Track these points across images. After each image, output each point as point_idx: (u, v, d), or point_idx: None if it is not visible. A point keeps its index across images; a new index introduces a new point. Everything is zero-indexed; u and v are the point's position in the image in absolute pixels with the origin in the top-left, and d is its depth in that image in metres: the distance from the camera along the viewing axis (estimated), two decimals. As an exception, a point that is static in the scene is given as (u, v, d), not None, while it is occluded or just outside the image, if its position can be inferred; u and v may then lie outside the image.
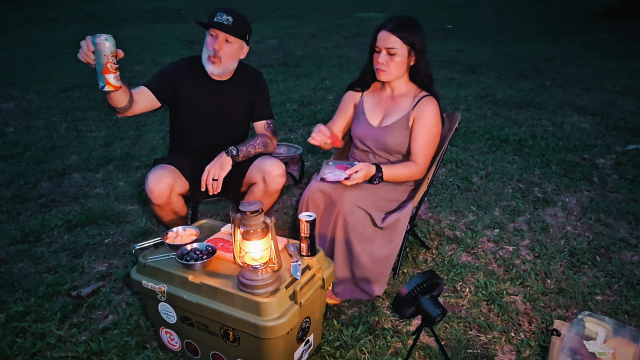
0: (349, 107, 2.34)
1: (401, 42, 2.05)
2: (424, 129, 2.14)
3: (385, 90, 2.25)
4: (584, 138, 3.95)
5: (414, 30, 2.09)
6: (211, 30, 2.15)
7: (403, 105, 2.19)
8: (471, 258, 2.49)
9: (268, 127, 2.36)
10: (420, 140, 2.14)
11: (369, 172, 2.00)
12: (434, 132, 2.17)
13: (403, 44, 2.06)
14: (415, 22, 2.13)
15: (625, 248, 2.51)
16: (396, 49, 2.06)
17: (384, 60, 2.09)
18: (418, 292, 1.53)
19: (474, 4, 13.20)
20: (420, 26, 2.13)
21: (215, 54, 2.15)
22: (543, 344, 1.91)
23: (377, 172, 2.03)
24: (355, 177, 1.96)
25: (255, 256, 1.56)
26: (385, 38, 2.07)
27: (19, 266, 2.47)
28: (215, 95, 2.28)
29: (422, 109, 2.14)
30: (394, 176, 2.11)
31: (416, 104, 2.16)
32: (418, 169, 2.15)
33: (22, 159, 3.83)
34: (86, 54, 1.71)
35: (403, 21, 2.09)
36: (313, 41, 8.93)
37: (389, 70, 2.11)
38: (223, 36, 2.14)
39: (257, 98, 2.36)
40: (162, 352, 1.89)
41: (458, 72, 6.32)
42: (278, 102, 5.12)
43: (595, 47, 7.57)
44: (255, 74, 2.39)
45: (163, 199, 2.10)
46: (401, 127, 2.16)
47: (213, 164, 2.14)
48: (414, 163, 2.15)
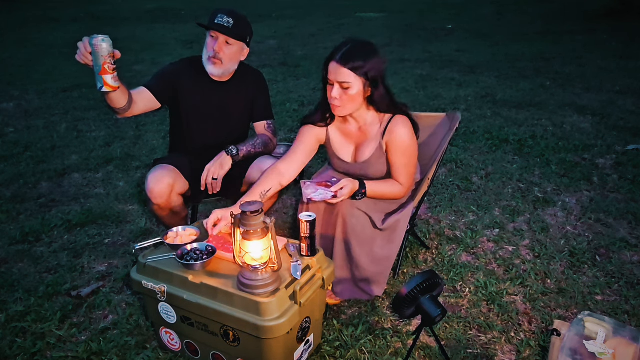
0: (311, 143, 2.13)
1: (354, 74, 1.87)
2: (399, 152, 2.03)
3: (350, 122, 2.09)
4: (584, 138, 3.95)
5: (367, 57, 1.88)
6: (211, 32, 2.15)
7: (372, 135, 2.05)
8: (471, 258, 2.49)
9: (268, 128, 2.37)
10: (398, 164, 2.05)
11: (353, 188, 1.94)
12: (409, 151, 2.04)
13: (356, 76, 1.87)
14: (367, 47, 1.93)
15: (625, 248, 2.51)
16: (349, 82, 1.88)
17: (338, 95, 1.91)
18: (418, 292, 1.53)
19: (474, 4, 13.20)
20: (374, 51, 1.93)
21: (215, 56, 2.15)
22: (543, 344, 1.91)
23: (361, 187, 1.98)
24: (341, 195, 1.89)
25: (255, 256, 1.56)
26: (335, 71, 1.89)
27: (19, 266, 2.47)
28: (215, 95, 2.28)
29: (393, 133, 2.00)
30: (378, 193, 2.04)
31: (385, 130, 2.02)
32: (401, 189, 2.09)
33: (22, 159, 3.83)
34: (84, 55, 1.71)
35: (353, 48, 1.89)
36: (313, 41, 8.93)
37: (343, 105, 1.94)
38: (223, 38, 2.14)
39: (257, 98, 2.36)
40: (162, 352, 1.89)
41: (458, 72, 6.32)
42: (278, 102, 5.13)
43: (595, 47, 7.57)
44: (255, 75, 2.39)
45: (163, 199, 2.10)
46: (378, 158, 2.06)
47: (213, 163, 2.14)
48: (397, 183, 2.08)
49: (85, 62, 1.73)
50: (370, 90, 1.94)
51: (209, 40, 2.17)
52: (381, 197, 2.08)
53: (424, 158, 2.39)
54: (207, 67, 2.20)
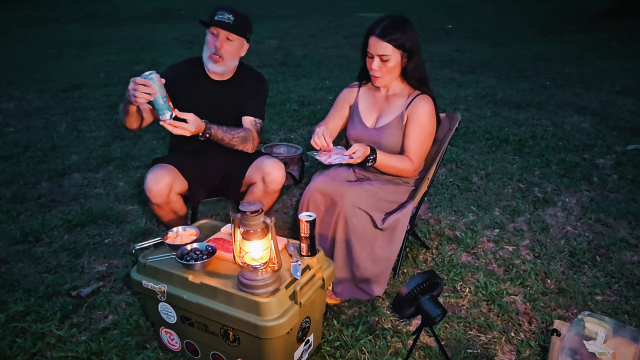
0: (344, 107, 2.32)
1: (392, 47, 2.02)
2: (417, 127, 2.12)
3: (380, 91, 2.24)
4: (584, 138, 3.95)
5: (403, 30, 2.04)
6: (212, 29, 2.15)
7: (397, 105, 2.18)
8: (471, 258, 2.49)
9: (255, 124, 2.31)
10: (413, 138, 2.13)
11: (365, 152, 2.00)
12: (427, 130, 2.15)
13: (394, 49, 2.03)
14: (403, 22, 2.07)
15: (625, 248, 2.51)
16: (388, 55, 2.03)
17: (378, 67, 2.07)
18: (418, 292, 1.53)
19: (474, 4, 13.20)
20: (410, 24, 2.09)
21: (216, 52, 2.15)
22: (543, 344, 1.91)
23: (371, 153, 2.03)
24: (356, 157, 1.96)
25: (255, 256, 1.56)
26: (375, 44, 2.04)
27: (19, 266, 2.47)
28: (214, 95, 2.27)
29: (416, 107, 2.12)
30: (386, 164, 2.09)
31: (410, 103, 2.14)
32: (411, 166, 2.14)
33: (22, 159, 3.83)
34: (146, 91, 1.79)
35: (391, 23, 2.04)
36: (313, 41, 8.93)
37: (383, 77, 2.10)
38: (224, 34, 2.14)
39: (251, 97, 2.32)
40: (162, 352, 1.89)
41: (458, 72, 6.32)
42: (278, 102, 5.13)
43: (595, 47, 7.57)
44: (256, 76, 2.36)
45: (162, 198, 2.10)
46: (395, 127, 2.15)
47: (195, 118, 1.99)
48: (407, 158, 2.14)
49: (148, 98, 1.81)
50: (407, 61, 2.08)
51: (209, 38, 2.17)
52: (389, 169, 2.13)
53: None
54: (208, 66, 2.20)
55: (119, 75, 6.61)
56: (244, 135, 2.21)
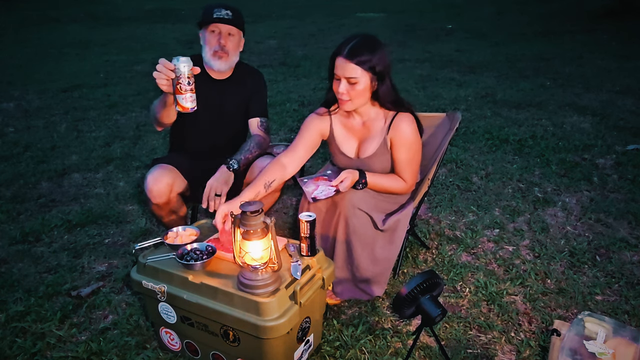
0: (313, 137, 2.12)
1: (361, 69, 1.88)
2: (404, 148, 2.03)
3: (354, 117, 2.10)
4: (584, 138, 3.95)
5: (373, 51, 1.89)
6: (212, 27, 2.16)
7: (376, 131, 2.06)
8: (471, 258, 2.49)
9: (261, 125, 2.35)
10: (403, 160, 2.06)
11: (353, 179, 1.96)
12: (414, 147, 2.06)
13: (363, 71, 1.88)
14: (373, 42, 1.94)
15: (625, 248, 2.51)
16: (356, 77, 1.88)
17: (345, 90, 1.92)
18: (418, 292, 1.53)
19: (474, 4, 13.20)
20: (380, 45, 1.94)
21: (222, 49, 2.17)
22: (543, 344, 1.91)
23: (361, 178, 1.99)
24: (343, 188, 1.92)
25: (255, 256, 1.56)
26: (343, 66, 1.88)
27: (19, 266, 2.47)
28: (214, 94, 2.28)
29: (398, 130, 2.01)
30: (378, 185, 2.05)
31: (390, 126, 2.03)
32: (405, 185, 2.10)
33: (22, 159, 3.83)
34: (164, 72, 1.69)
35: (359, 43, 1.89)
36: (313, 41, 8.93)
37: (352, 100, 1.95)
38: (226, 30, 2.16)
39: (253, 96, 2.35)
40: (162, 352, 1.89)
41: (458, 72, 6.32)
42: (278, 102, 5.13)
43: (595, 47, 7.57)
44: (254, 74, 2.39)
45: (162, 198, 2.10)
46: (381, 154, 2.07)
47: (216, 180, 2.07)
48: (400, 179, 2.09)
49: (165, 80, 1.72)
50: (377, 84, 1.95)
51: (210, 37, 2.18)
52: (382, 190, 2.09)
53: (424, 158, 2.38)
54: (212, 64, 2.21)
55: (119, 75, 6.62)
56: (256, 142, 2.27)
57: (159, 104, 1.99)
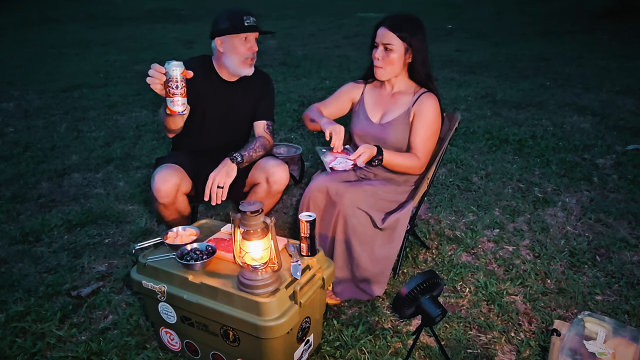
0: (345, 101, 2.34)
1: (398, 39, 2.05)
2: (424, 124, 2.14)
3: (385, 87, 2.25)
4: (584, 138, 3.95)
5: (413, 29, 2.08)
6: (242, 35, 2.17)
7: (403, 102, 2.19)
8: (471, 258, 2.49)
9: (267, 128, 2.37)
10: (420, 135, 2.15)
11: (371, 154, 2.01)
12: (433, 127, 2.17)
13: (400, 42, 2.06)
14: (414, 21, 2.11)
15: (625, 248, 2.51)
16: (393, 45, 2.06)
17: (381, 56, 2.09)
18: (418, 292, 1.53)
19: (474, 4, 13.21)
20: (420, 25, 2.12)
21: (254, 57, 2.23)
22: (543, 344, 1.91)
23: (378, 153, 2.03)
24: (360, 162, 1.97)
25: (255, 256, 1.56)
26: (383, 34, 2.07)
27: (19, 266, 2.47)
28: (223, 95, 2.29)
29: (422, 105, 2.15)
30: (393, 162, 2.10)
31: (416, 100, 2.16)
32: (418, 162, 2.15)
33: (22, 159, 3.83)
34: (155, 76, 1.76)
35: (403, 19, 2.09)
36: (313, 41, 8.93)
37: (385, 67, 2.11)
38: (254, 36, 2.21)
39: (261, 99, 2.36)
40: (162, 352, 1.89)
41: (458, 72, 6.32)
42: (278, 102, 5.12)
43: (595, 47, 7.57)
44: (264, 77, 2.40)
45: (170, 198, 2.10)
46: (401, 123, 2.16)
47: (218, 172, 2.08)
48: (414, 155, 2.15)
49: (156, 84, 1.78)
50: (412, 57, 2.10)
51: (239, 45, 2.18)
52: (396, 167, 2.14)
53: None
54: (241, 71, 2.22)
55: (119, 75, 6.62)
56: (261, 143, 2.28)
57: (162, 111, 2.01)
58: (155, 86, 1.79)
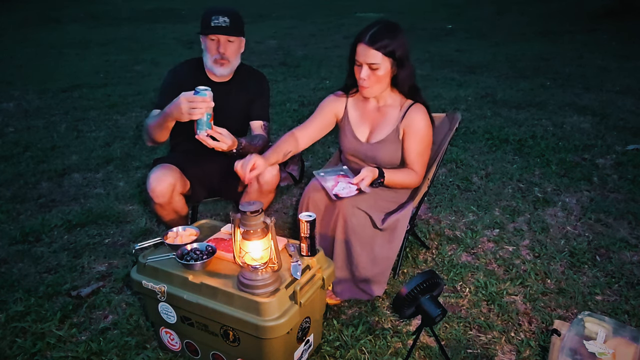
0: (330, 116, 2.20)
1: (381, 54, 1.93)
2: (416, 139, 2.07)
3: (370, 101, 2.15)
4: (584, 138, 3.95)
5: (393, 36, 1.95)
6: (211, 35, 2.15)
7: (390, 117, 2.10)
8: (471, 258, 2.49)
9: (264, 128, 2.36)
10: (414, 151, 2.09)
11: (373, 177, 1.97)
12: (426, 140, 2.10)
13: (384, 57, 1.93)
14: (393, 28, 1.99)
15: (625, 248, 2.51)
16: (377, 63, 1.94)
17: (366, 76, 1.97)
18: (418, 292, 1.53)
19: (474, 4, 13.20)
20: (400, 31, 1.99)
21: (222, 57, 2.18)
22: (543, 344, 1.91)
23: (379, 177, 1.99)
24: (365, 187, 1.92)
25: (255, 256, 1.56)
26: (364, 52, 1.94)
27: (19, 266, 2.47)
28: (217, 98, 2.28)
29: (411, 120, 2.06)
30: (394, 182, 2.07)
31: (404, 115, 2.07)
32: (416, 177, 2.12)
33: (22, 159, 3.83)
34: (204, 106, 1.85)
35: (380, 29, 1.95)
36: (313, 41, 8.93)
37: (372, 86, 2.01)
38: (225, 38, 2.16)
39: (256, 99, 2.35)
40: (162, 352, 1.89)
41: (458, 72, 6.32)
42: (278, 102, 5.13)
43: (595, 47, 7.57)
44: (258, 76, 2.39)
45: (165, 198, 2.10)
46: (391, 142, 2.10)
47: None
48: (412, 171, 2.11)
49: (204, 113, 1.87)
50: (397, 69, 2.00)
51: (209, 45, 2.18)
52: (396, 186, 2.11)
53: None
54: (214, 71, 2.22)
55: (119, 75, 6.62)
56: (262, 142, 2.27)
57: (156, 125, 2.02)
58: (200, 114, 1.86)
